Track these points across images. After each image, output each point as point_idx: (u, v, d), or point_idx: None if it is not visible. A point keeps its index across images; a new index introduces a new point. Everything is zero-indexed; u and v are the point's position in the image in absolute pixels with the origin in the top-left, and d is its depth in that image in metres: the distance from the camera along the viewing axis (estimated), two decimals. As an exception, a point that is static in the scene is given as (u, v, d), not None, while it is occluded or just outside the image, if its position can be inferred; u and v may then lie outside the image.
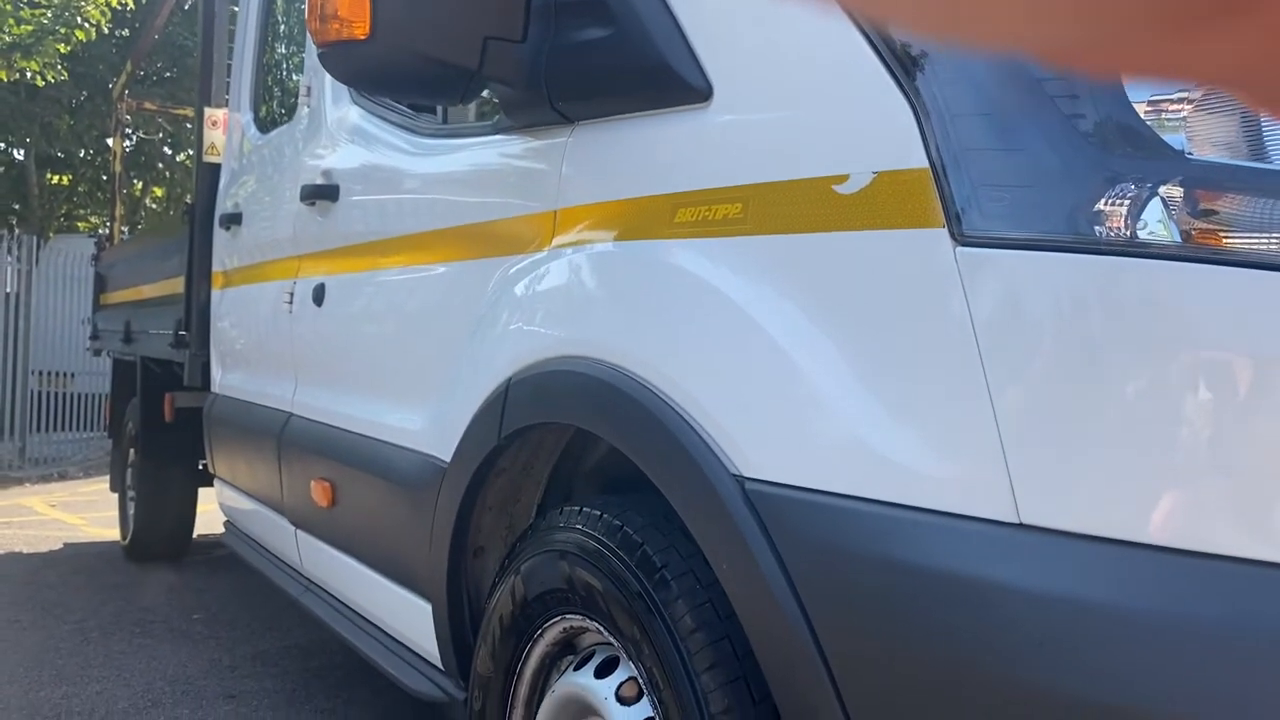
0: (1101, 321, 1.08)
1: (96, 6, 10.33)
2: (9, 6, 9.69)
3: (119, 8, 10.92)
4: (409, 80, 1.83)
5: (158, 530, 5.48)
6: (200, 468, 5.12)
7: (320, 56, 1.81)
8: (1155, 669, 0.98)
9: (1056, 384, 1.09)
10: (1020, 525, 1.07)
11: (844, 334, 1.26)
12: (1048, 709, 1.02)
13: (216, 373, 4.11)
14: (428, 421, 2.18)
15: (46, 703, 3.34)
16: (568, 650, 1.77)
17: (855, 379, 1.24)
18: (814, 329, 1.29)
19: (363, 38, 1.72)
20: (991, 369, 1.11)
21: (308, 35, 3.24)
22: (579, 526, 1.64)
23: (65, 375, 10.99)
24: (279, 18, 4.08)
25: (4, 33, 9.66)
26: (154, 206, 16.37)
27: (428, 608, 2.14)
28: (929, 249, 1.17)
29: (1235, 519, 0.99)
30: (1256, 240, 1.03)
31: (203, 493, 5.46)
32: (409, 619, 2.28)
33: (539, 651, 1.78)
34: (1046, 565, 1.05)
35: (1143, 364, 1.04)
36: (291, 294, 3.08)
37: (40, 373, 10.51)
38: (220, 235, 4.09)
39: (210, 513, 5.52)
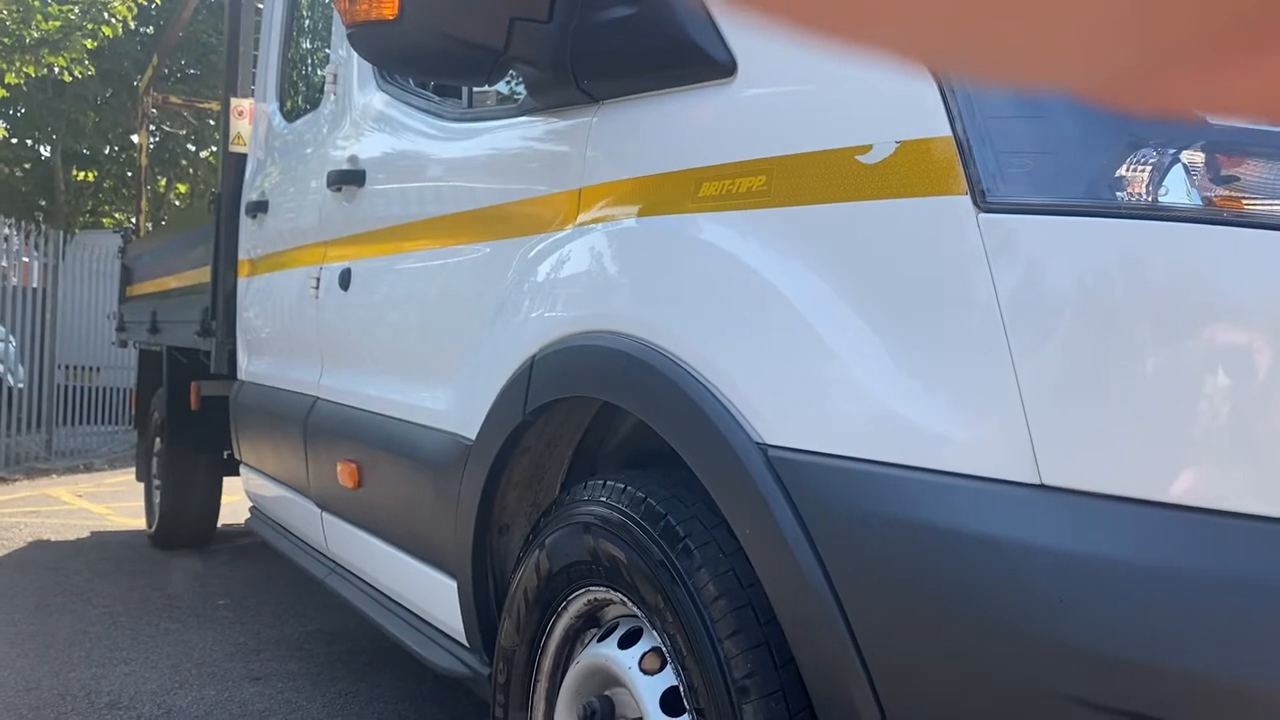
0: (1123, 285, 1.09)
1: (123, 2, 10.42)
2: (37, 3, 9.80)
3: (145, 4, 11.03)
4: (436, 60, 1.84)
5: (183, 519, 5.55)
6: (225, 457, 5.19)
7: (349, 36, 1.84)
8: (1173, 625, 0.99)
9: (1078, 347, 1.10)
10: (1041, 486, 1.09)
11: (867, 301, 1.28)
12: (1068, 664, 1.03)
13: (243, 360, 4.16)
14: (453, 401, 2.20)
15: (76, 683, 3.39)
16: (591, 623, 1.79)
17: (878, 345, 1.25)
18: (836, 297, 1.31)
19: (391, 17, 1.75)
20: (1014, 333, 1.12)
21: (334, 24, 3.28)
22: (603, 499, 1.66)
23: (91, 369, 11.10)
24: (304, 9, 4.12)
25: (32, 28, 9.77)
26: (177, 202, 16.49)
27: (453, 585, 2.17)
28: (952, 216, 1.19)
29: (1254, 478, 1.00)
30: (1277, 205, 1.05)
31: (227, 483, 5.52)
32: (434, 596, 2.31)
33: (563, 624, 1.80)
34: (1066, 524, 1.06)
35: (1163, 326, 1.05)
36: (318, 280, 3.11)
37: (66, 366, 10.62)
38: (246, 224, 4.14)
39: (234, 503, 5.59)
